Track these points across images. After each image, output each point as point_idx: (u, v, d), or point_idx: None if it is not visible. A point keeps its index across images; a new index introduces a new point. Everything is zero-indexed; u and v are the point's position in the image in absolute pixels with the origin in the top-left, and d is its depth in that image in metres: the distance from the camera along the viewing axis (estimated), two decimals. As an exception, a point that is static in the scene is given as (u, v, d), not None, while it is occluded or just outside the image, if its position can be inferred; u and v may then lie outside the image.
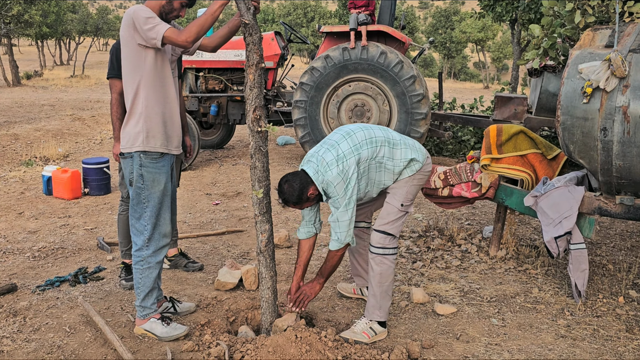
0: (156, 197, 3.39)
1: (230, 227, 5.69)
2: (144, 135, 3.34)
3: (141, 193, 3.37)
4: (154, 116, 3.36)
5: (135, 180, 3.37)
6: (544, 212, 4.04)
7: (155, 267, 3.46)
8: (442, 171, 4.88)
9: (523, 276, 4.52)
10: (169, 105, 3.43)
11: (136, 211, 3.40)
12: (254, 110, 3.35)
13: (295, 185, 3.31)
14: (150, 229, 3.40)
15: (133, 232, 3.44)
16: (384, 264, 3.53)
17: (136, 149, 3.34)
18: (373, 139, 3.43)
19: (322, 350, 3.20)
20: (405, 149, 3.48)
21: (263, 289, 3.52)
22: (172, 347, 3.36)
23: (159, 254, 3.46)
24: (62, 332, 3.52)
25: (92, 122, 12.17)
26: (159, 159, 3.39)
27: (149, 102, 3.34)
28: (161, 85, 3.37)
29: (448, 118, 8.00)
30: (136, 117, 3.35)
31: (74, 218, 5.92)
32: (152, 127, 3.35)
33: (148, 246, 3.42)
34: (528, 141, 4.62)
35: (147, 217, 3.39)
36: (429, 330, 3.68)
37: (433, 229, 5.38)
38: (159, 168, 3.39)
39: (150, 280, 3.46)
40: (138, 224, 3.41)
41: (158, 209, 3.41)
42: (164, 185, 3.42)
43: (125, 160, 3.42)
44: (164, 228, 3.46)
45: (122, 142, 3.40)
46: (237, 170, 8.20)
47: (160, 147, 3.39)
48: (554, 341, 3.57)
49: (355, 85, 7.37)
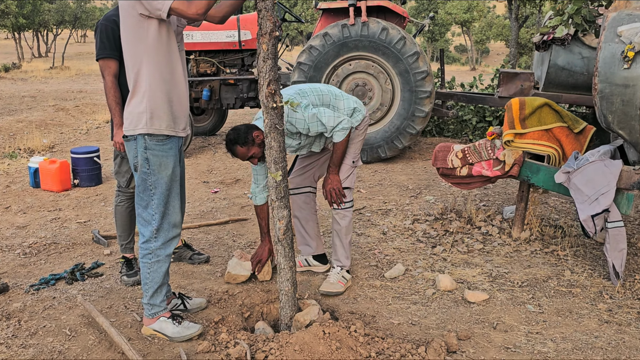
0: (164, 183, 3.06)
1: (233, 215, 5.36)
2: (147, 115, 3.00)
3: (147, 179, 3.04)
4: (158, 95, 3.01)
5: (141, 165, 3.03)
6: (578, 189, 3.76)
7: (164, 261, 3.13)
8: (459, 149, 4.58)
9: (551, 258, 4.26)
10: (176, 82, 3.08)
11: (142, 199, 3.07)
12: (269, 84, 3.03)
13: (241, 127, 3.46)
14: (158, 218, 3.07)
15: (140, 222, 3.10)
16: (347, 216, 3.81)
17: (140, 130, 3.00)
18: (317, 89, 3.68)
19: (353, 346, 2.91)
20: (348, 100, 3.71)
21: (282, 280, 3.22)
22: (186, 349, 3.04)
23: (169, 246, 3.14)
24: (62, 336, 3.18)
25: (77, 112, 11.71)
26: (165, 140, 3.05)
27: (153, 79, 2.99)
28: (166, 61, 3.02)
29: (451, 96, 7.69)
30: (139, 96, 3.00)
31: (65, 211, 5.56)
32: (156, 107, 3.01)
33: (157, 237, 3.09)
34: (553, 114, 4.33)
35: (154, 205, 3.06)
36: (462, 320, 3.39)
37: (450, 211, 5.09)
38: (165, 151, 3.06)
39: (160, 275, 3.13)
40: (145, 213, 3.08)
41: (166, 196, 3.08)
42: (171, 169, 3.08)
43: (128, 144, 3.08)
44: (174, 217, 3.13)
45: (125, 123, 3.06)
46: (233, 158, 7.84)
47: (166, 129, 3.05)
48: (598, 327, 3.30)
49: (356, 64, 7.03)
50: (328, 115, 3.51)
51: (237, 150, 3.49)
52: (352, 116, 3.70)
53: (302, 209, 4.01)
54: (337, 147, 3.62)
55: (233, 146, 3.49)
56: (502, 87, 7.23)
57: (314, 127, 3.52)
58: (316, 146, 3.82)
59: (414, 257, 4.30)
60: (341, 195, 3.71)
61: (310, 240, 4.06)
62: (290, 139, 3.62)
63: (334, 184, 3.69)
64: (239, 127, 3.49)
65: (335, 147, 3.62)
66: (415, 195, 5.88)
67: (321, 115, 3.50)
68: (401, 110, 7.00)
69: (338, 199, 3.72)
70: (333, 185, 3.69)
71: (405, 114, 6.98)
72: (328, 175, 3.71)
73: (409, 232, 4.82)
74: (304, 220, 4.04)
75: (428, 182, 6.37)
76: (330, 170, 3.70)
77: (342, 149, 3.62)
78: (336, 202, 3.73)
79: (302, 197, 4.00)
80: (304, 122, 3.49)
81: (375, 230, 4.88)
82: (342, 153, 3.64)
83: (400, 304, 3.60)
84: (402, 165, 7.21)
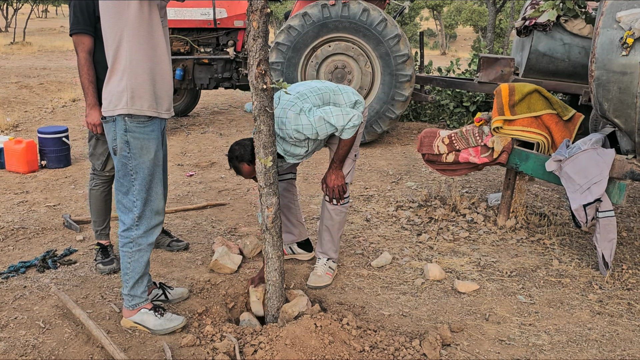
0: (146, 167, 2.87)
1: (210, 200, 5.18)
2: (128, 95, 2.80)
3: (128, 163, 2.85)
4: (140, 73, 2.81)
5: (120, 149, 2.84)
6: (569, 178, 3.70)
7: (146, 250, 2.96)
8: (446, 135, 4.48)
9: (538, 247, 4.21)
10: (158, 60, 2.88)
11: (123, 185, 2.88)
12: (259, 64, 2.85)
13: (247, 143, 3.26)
14: (140, 205, 2.89)
15: (120, 209, 2.91)
16: (342, 212, 3.65)
17: (120, 111, 2.80)
18: (314, 88, 3.43)
19: (346, 340, 2.79)
20: (346, 93, 3.49)
21: (269, 270, 3.08)
22: (170, 342, 2.88)
23: (151, 234, 2.96)
24: (35, 329, 2.99)
25: (41, 90, 11.26)
26: (147, 122, 2.86)
27: (134, 56, 2.79)
28: (148, 36, 2.81)
29: (430, 81, 7.59)
30: (119, 74, 2.80)
31: (33, 194, 5.29)
32: (138, 86, 2.81)
33: (138, 225, 2.91)
34: (543, 101, 4.25)
35: (135, 191, 2.87)
36: (454, 311, 3.31)
37: (434, 198, 5.00)
38: (147, 133, 2.86)
39: (141, 265, 2.96)
40: (126, 199, 2.89)
41: (148, 181, 2.89)
42: (154, 153, 2.89)
43: (107, 125, 2.87)
44: (156, 204, 2.95)
45: (104, 103, 2.85)
46: (207, 139, 7.63)
47: (147, 109, 2.85)
48: (590, 319, 3.26)
49: (336, 46, 6.86)
50: (336, 114, 3.25)
51: (243, 168, 3.28)
52: (355, 109, 3.47)
53: (284, 196, 3.83)
54: (345, 144, 3.39)
55: (239, 163, 3.27)
56: (482, 72, 7.15)
57: (322, 130, 3.25)
58: (319, 147, 3.56)
59: (400, 245, 4.20)
60: (343, 192, 3.55)
61: (293, 228, 3.91)
62: (298, 148, 3.36)
63: (339, 180, 3.50)
64: (244, 143, 3.26)
65: (343, 143, 3.39)
66: (396, 181, 5.78)
67: (329, 116, 3.24)
68: (381, 94, 6.87)
69: (339, 196, 3.55)
70: (337, 182, 3.51)
71: (385, 97, 6.86)
72: (332, 171, 3.50)
73: (393, 219, 4.72)
74: (286, 207, 3.86)
75: (408, 168, 6.28)
76: (334, 166, 3.49)
77: (349, 145, 3.41)
78: (337, 198, 3.56)
79: (284, 184, 3.81)
80: (311, 127, 3.22)
81: (358, 217, 4.76)
82: (349, 149, 3.43)
83: (390, 294, 3.50)
84: (380, 150, 7.11)
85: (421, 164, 6.41)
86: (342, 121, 3.25)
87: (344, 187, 3.53)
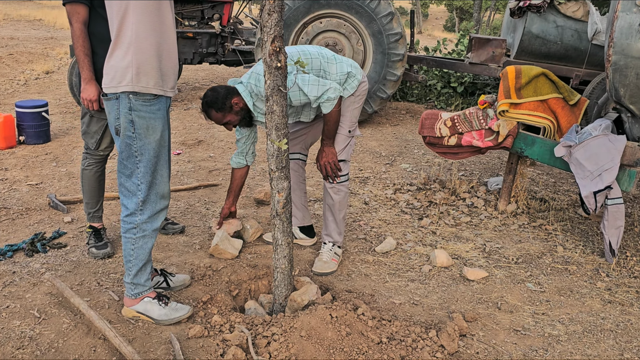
0: (151, 149, 2.69)
1: (201, 180, 5.00)
2: (133, 71, 2.59)
3: (132, 144, 2.66)
4: (147, 48, 2.61)
5: (125, 129, 2.65)
6: (579, 164, 3.63)
7: (151, 236, 2.79)
8: (448, 117, 4.37)
9: (540, 232, 4.15)
10: (165, 34, 2.68)
11: (126, 167, 2.70)
12: (273, 40, 2.68)
13: (220, 90, 3.24)
14: (145, 189, 2.71)
15: (123, 193, 2.73)
16: (342, 191, 3.53)
17: (124, 88, 2.60)
18: (305, 51, 3.32)
19: (364, 331, 2.69)
20: (340, 64, 3.37)
21: (278, 257, 2.94)
22: (176, 333, 2.74)
23: (156, 220, 2.79)
24: (30, 318, 2.81)
25: (11, 61, 10.81)
26: (153, 100, 2.67)
27: (141, 30, 2.58)
28: (156, 9, 2.61)
29: (421, 60, 7.47)
30: (124, 48, 2.59)
31: (12, 171, 5.04)
32: (144, 62, 2.61)
33: (142, 210, 2.73)
34: (549, 84, 4.17)
35: (140, 174, 2.69)
36: (465, 299, 3.23)
37: (433, 182, 4.91)
38: (153, 112, 2.68)
39: (145, 252, 2.79)
40: (129, 182, 2.71)
41: (154, 163, 2.72)
42: (160, 133, 2.71)
43: (109, 103, 2.67)
44: (162, 187, 2.78)
45: (106, 79, 2.65)
46: (192, 116, 7.39)
47: (154, 87, 2.66)
48: (602, 308, 3.21)
49: (327, 22, 6.67)
50: (312, 83, 3.14)
51: (212, 114, 3.27)
52: (345, 82, 3.36)
53: (292, 176, 3.69)
54: (328, 119, 3.27)
55: (208, 109, 3.26)
56: (473, 52, 7.06)
57: (295, 96, 3.17)
58: (305, 116, 3.49)
59: (402, 230, 4.11)
60: (337, 169, 3.41)
61: (296, 211, 3.78)
62: None
63: (329, 157, 3.37)
64: (218, 90, 3.24)
65: (326, 118, 3.27)
66: (390, 163, 5.67)
67: (303, 83, 3.14)
68: (372, 73, 6.72)
69: (333, 173, 3.42)
70: (328, 158, 3.38)
71: (376, 77, 6.71)
72: (322, 147, 3.38)
73: (392, 202, 4.61)
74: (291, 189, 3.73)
75: (400, 149, 6.17)
76: (324, 143, 3.37)
77: (333, 120, 3.27)
78: (331, 176, 3.43)
79: (291, 163, 3.68)
80: None
81: (356, 200, 4.64)
82: (334, 125, 3.30)
83: (398, 282, 3.40)
84: (371, 130, 6.98)
85: (413, 146, 6.32)
86: (315, 92, 3.14)
87: (337, 164, 3.40)
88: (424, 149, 6.12)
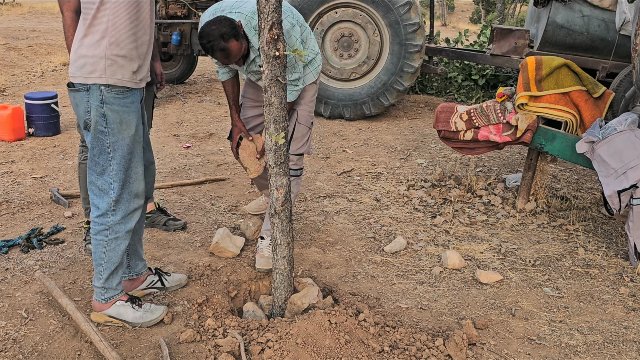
0: (125, 144, 2.51)
1: (209, 174, 4.86)
2: (107, 62, 2.41)
3: (105, 139, 2.47)
4: (123, 39, 2.42)
5: (95, 122, 2.45)
6: (602, 161, 3.40)
7: (124, 238, 2.62)
8: (464, 111, 4.16)
9: (561, 233, 3.93)
10: (142, 24, 2.49)
11: (98, 164, 2.51)
12: (271, 27, 2.51)
13: (224, 21, 2.87)
14: (117, 187, 2.53)
15: (93, 191, 2.55)
16: (299, 184, 3.49)
17: (95, 80, 2.41)
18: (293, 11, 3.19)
19: (364, 339, 2.51)
20: (313, 41, 3.32)
21: (277, 258, 2.79)
22: (167, 337, 2.60)
23: (130, 220, 2.61)
24: (17, 319, 2.69)
25: (30, 53, 10.79)
26: (126, 93, 2.48)
27: (118, 19, 2.39)
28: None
29: (440, 52, 7.23)
30: (97, 37, 2.40)
31: (19, 164, 4.95)
32: (119, 52, 2.42)
33: (115, 210, 2.56)
34: (572, 76, 3.93)
35: (113, 171, 2.51)
36: (477, 305, 3.04)
37: (448, 178, 4.70)
38: (127, 105, 2.49)
39: (118, 255, 2.62)
40: (101, 181, 2.53)
41: (128, 160, 2.54)
42: (134, 128, 2.52)
43: (78, 94, 2.47)
44: (136, 185, 2.60)
45: (73, 68, 2.45)
46: (205, 108, 7.27)
47: (128, 79, 2.47)
48: (625, 316, 2.99)
49: (343, 12, 6.47)
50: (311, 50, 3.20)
51: (234, 45, 2.89)
52: (310, 63, 3.26)
53: None
54: None
55: (228, 43, 2.86)
56: (495, 44, 6.81)
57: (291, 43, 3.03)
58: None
59: (413, 229, 3.92)
60: None
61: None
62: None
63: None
64: (220, 20, 2.86)
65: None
66: (405, 158, 5.47)
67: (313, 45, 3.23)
68: (389, 64, 6.51)
69: None
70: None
71: (393, 68, 6.50)
72: None
73: (405, 199, 4.42)
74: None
75: (417, 144, 5.97)
76: None
77: None
78: None
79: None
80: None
81: (367, 196, 4.46)
82: None
83: (406, 284, 3.22)
84: (387, 124, 6.77)
85: (430, 140, 6.10)
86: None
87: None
88: (442, 144, 5.90)
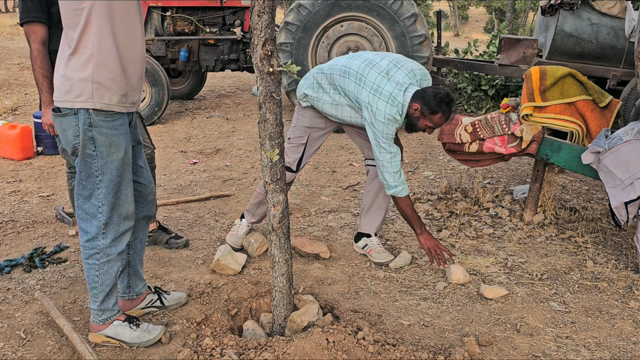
0: (114, 167, 2.46)
1: (214, 191, 4.85)
2: (93, 86, 2.36)
3: (92, 162, 2.43)
4: (111, 62, 2.38)
5: (84, 147, 2.41)
6: (609, 172, 3.34)
7: (116, 260, 2.58)
8: (469, 122, 4.11)
9: (569, 245, 3.85)
10: (132, 45, 2.45)
11: (85, 187, 2.47)
12: (264, 44, 2.50)
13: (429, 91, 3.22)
14: (107, 210, 2.49)
15: (80, 216, 2.51)
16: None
17: (82, 104, 2.37)
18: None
19: (362, 358, 2.47)
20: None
21: (276, 275, 2.75)
22: (164, 357, 2.57)
23: (120, 242, 2.58)
24: (15, 340, 2.68)
25: (43, 72, 10.95)
26: (115, 115, 2.44)
27: (105, 40, 2.35)
28: (122, 16, 2.38)
29: (448, 63, 7.20)
30: (83, 59, 2.35)
31: (26, 183, 4.99)
32: (107, 77, 2.38)
33: (105, 234, 2.53)
34: (577, 86, 3.87)
35: (101, 195, 2.47)
36: (481, 321, 2.97)
37: (455, 191, 4.64)
38: (116, 128, 2.45)
39: (111, 277, 2.59)
40: (88, 204, 2.49)
41: (117, 183, 2.49)
42: (124, 151, 2.48)
43: (65, 119, 2.41)
44: (125, 208, 2.56)
45: (58, 93, 2.39)
46: (213, 124, 7.29)
47: (116, 104, 2.43)
48: (634, 331, 2.91)
49: (348, 26, 6.47)
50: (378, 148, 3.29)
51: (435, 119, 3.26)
52: None
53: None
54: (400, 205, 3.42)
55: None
56: (503, 54, 6.76)
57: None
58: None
59: (419, 243, 3.86)
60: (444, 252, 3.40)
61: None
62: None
63: (429, 242, 3.40)
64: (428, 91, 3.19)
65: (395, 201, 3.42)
66: (413, 171, 5.42)
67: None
68: (396, 77, 6.48)
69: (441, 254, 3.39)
70: (429, 244, 3.40)
71: (400, 81, 6.46)
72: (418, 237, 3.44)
73: (410, 213, 4.37)
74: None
75: (424, 156, 5.92)
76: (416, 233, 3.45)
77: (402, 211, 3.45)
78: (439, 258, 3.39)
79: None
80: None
81: (372, 210, 4.41)
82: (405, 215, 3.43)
83: (409, 300, 3.17)
84: (395, 136, 6.73)
85: (438, 152, 6.05)
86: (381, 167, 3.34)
87: (440, 245, 3.41)
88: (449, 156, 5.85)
